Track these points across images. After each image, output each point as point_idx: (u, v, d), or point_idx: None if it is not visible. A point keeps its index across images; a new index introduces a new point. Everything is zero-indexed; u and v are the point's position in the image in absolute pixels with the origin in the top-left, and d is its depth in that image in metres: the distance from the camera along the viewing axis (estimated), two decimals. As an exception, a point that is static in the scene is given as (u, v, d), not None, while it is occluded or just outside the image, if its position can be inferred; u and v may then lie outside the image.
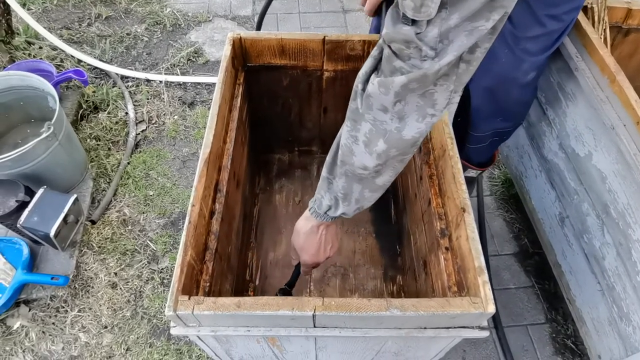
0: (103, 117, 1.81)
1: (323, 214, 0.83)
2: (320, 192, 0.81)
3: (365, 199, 0.77)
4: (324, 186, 0.79)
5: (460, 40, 0.50)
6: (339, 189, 0.76)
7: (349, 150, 0.69)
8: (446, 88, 0.56)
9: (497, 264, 1.50)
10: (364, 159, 0.68)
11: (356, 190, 0.75)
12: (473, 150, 1.34)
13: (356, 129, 0.66)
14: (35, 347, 1.30)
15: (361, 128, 0.65)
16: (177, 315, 0.69)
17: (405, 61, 0.55)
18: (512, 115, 1.21)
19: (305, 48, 1.13)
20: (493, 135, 1.27)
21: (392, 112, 0.60)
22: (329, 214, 0.82)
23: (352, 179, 0.73)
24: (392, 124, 0.62)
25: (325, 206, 0.81)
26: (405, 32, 0.51)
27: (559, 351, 1.33)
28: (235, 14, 2.37)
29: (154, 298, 1.38)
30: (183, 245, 0.75)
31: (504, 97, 1.13)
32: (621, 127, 0.95)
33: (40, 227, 1.24)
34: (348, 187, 0.75)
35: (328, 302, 0.69)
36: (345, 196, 0.76)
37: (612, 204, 1.02)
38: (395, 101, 0.58)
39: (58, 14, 2.29)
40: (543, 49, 1.02)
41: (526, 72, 1.05)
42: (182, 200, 1.61)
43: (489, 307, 0.69)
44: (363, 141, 0.66)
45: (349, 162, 0.70)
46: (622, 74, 0.96)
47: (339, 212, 0.80)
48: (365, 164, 0.69)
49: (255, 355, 0.96)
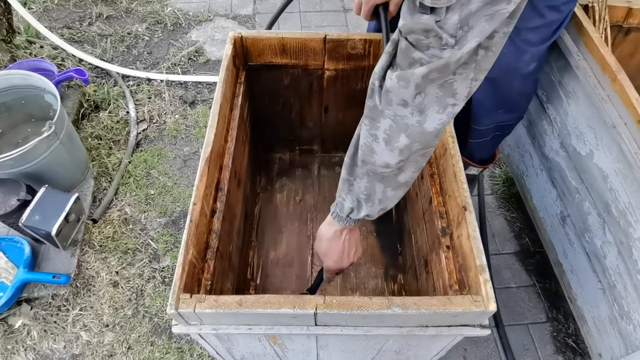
0: (104, 116, 1.81)
1: (345, 218, 0.81)
2: (341, 195, 0.80)
3: (389, 199, 0.76)
4: (345, 188, 0.78)
5: (481, 26, 0.49)
6: (361, 190, 0.75)
7: (369, 150, 0.68)
8: (465, 77, 0.55)
9: (498, 262, 1.50)
10: (386, 156, 0.67)
11: (379, 190, 0.73)
12: (475, 146, 1.34)
13: (375, 127, 0.65)
14: (37, 345, 1.30)
15: (380, 125, 0.64)
16: (178, 314, 0.69)
17: (424, 51, 0.54)
18: (513, 107, 1.21)
19: (306, 47, 1.13)
20: (495, 130, 1.27)
21: (412, 105, 0.59)
22: (352, 217, 0.80)
23: (374, 179, 0.72)
24: (413, 118, 0.61)
25: (348, 209, 0.79)
26: (425, 21, 0.50)
27: (559, 350, 1.33)
28: (236, 13, 2.37)
29: (155, 297, 1.39)
30: (184, 244, 0.75)
31: (506, 89, 1.13)
32: (622, 126, 0.95)
33: (42, 225, 1.25)
34: (370, 188, 0.73)
35: (329, 300, 0.69)
36: (368, 197, 0.75)
37: (613, 203, 1.02)
38: (415, 94, 0.57)
39: (59, 13, 2.29)
40: (543, 39, 1.03)
41: (528, 63, 1.06)
42: (183, 199, 1.62)
43: (490, 306, 0.69)
44: (383, 138, 0.65)
45: (370, 162, 0.69)
46: (623, 73, 0.96)
47: (362, 214, 0.79)
48: (387, 162, 0.67)
49: (257, 353, 0.96)
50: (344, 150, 1.56)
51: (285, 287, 1.24)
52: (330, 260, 0.90)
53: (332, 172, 1.50)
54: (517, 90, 1.15)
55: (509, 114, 1.23)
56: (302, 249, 1.32)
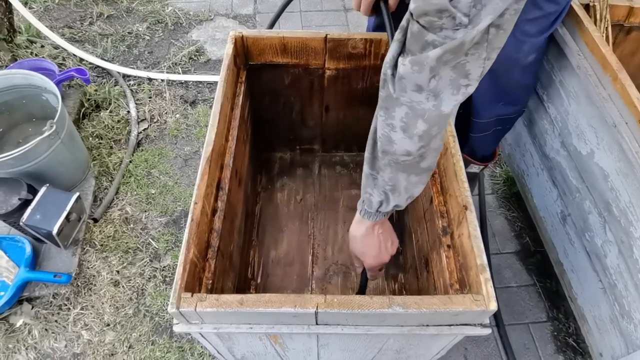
0: (105, 116, 1.81)
1: (375, 212, 0.81)
2: (367, 191, 0.79)
3: (414, 186, 0.75)
4: (370, 184, 0.78)
5: (494, 3, 0.49)
6: (385, 182, 0.74)
7: (387, 140, 0.68)
8: (478, 56, 0.55)
9: (498, 262, 1.50)
10: (406, 144, 0.66)
11: (402, 179, 0.73)
12: (477, 140, 1.34)
13: (391, 117, 0.65)
14: (38, 344, 1.30)
15: (396, 114, 0.64)
16: (179, 313, 0.69)
17: (436, 33, 0.53)
18: (514, 99, 1.21)
19: (307, 46, 1.13)
20: (496, 124, 1.27)
21: (427, 90, 0.59)
22: (382, 210, 0.80)
23: (396, 169, 0.72)
24: (429, 103, 0.60)
25: (377, 203, 0.79)
26: (438, 2, 0.50)
27: (560, 349, 1.33)
28: (237, 13, 2.37)
29: (156, 296, 1.39)
30: (185, 243, 0.75)
31: (506, 80, 1.14)
32: (623, 125, 0.95)
33: (43, 225, 1.25)
34: (394, 178, 0.73)
35: (330, 299, 0.69)
36: (394, 188, 0.75)
37: (614, 202, 1.02)
38: (430, 77, 0.57)
39: (60, 12, 2.29)
40: (541, 30, 1.04)
41: (527, 54, 1.07)
42: (184, 198, 1.62)
43: (490, 305, 0.69)
44: (401, 127, 0.65)
45: (391, 151, 0.69)
46: (624, 72, 0.96)
47: (391, 205, 0.78)
48: (408, 149, 0.67)
49: (258, 352, 0.96)
50: (344, 149, 1.57)
51: (286, 286, 1.25)
52: (370, 258, 0.90)
53: (332, 172, 1.50)
54: (516, 81, 1.15)
55: (509, 107, 1.23)
56: (303, 248, 1.32)
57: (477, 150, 1.39)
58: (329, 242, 1.33)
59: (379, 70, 1.19)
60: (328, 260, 1.30)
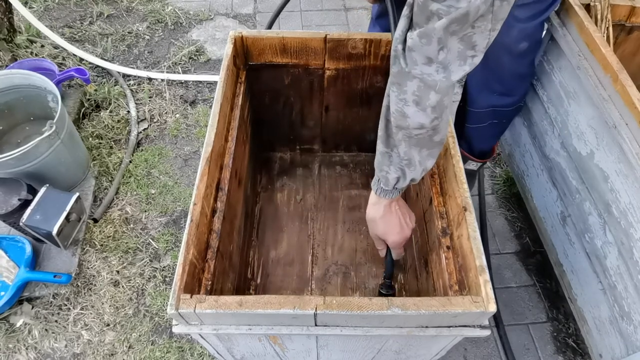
0: (105, 116, 1.81)
1: (392, 189, 0.83)
2: (383, 170, 0.81)
3: (427, 159, 0.78)
4: (385, 161, 0.79)
5: None
6: (401, 158, 0.77)
7: (401, 115, 0.70)
8: (484, 28, 0.57)
9: (498, 262, 1.50)
10: (419, 117, 0.68)
11: (416, 153, 0.75)
12: (473, 132, 1.33)
13: (403, 91, 0.67)
14: (38, 344, 1.30)
15: (408, 89, 0.66)
16: (179, 314, 0.69)
17: (441, 3, 0.55)
18: (507, 89, 1.21)
19: (306, 46, 1.13)
20: (492, 116, 1.27)
21: (436, 62, 0.61)
22: (399, 187, 0.82)
23: (410, 143, 0.74)
24: (439, 75, 0.62)
25: (393, 179, 0.81)
26: None
27: (560, 350, 1.33)
28: (237, 12, 2.37)
29: (156, 296, 1.39)
30: (185, 244, 0.75)
31: (495, 65, 1.13)
32: (623, 126, 0.95)
33: (43, 225, 1.25)
34: (409, 152, 0.75)
35: (329, 300, 0.69)
36: (410, 162, 0.77)
37: (614, 203, 1.02)
38: (438, 49, 0.59)
39: (60, 12, 2.29)
40: (531, 16, 1.04)
41: (516, 40, 1.07)
42: (184, 198, 1.62)
43: (490, 306, 0.69)
44: (413, 100, 0.67)
45: (404, 126, 0.71)
46: (624, 73, 0.96)
47: (407, 180, 0.80)
48: (421, 122, 0.69)
49: (257, 353, 0.96)
50: (344, 149, 1.57)
51: (286, 287, 1.25)
52: (393, 235, 0.92)
53: (332, 172, 1.50)
54: (508, 68, 1.15)
55: (504, 97, 1.22)
56: (303, 248, 1.32)
57: (475, 145, 1.39)
58: (329, 242, 1.33)
59: (378, 71, 1.20)
60: (328, 260, 1.30)
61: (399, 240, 0.93)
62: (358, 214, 1.39)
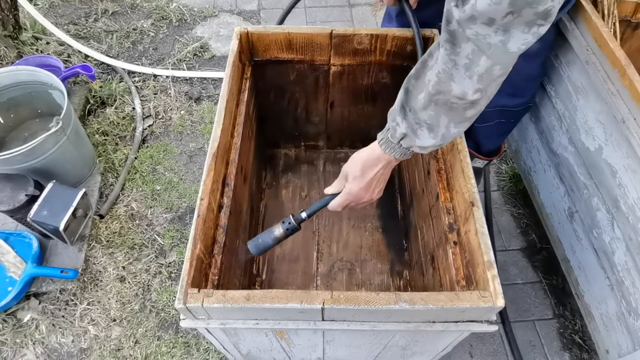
0: (110, 112, 1.81)
1: (396, 145, 0.78)
2: (395, 120, 0.76)
3: (450, 135, 0.73)
4: (400, 115, 0.74)
5: None
6: (424, 119, 0.71)
7: (447, 76, 0.65)
8: None
9: (504, 259, 1.49)
10: (464, 85, 0.64)
11: (443, 123, 0.71)
12: (480, 131, 1.32)
13: (455, 52, 0.62)
14: (46, 339, 1.31)
15: (462, 50, 0.61)
16: (186, 308, 0.69)
17: None
18: (516, 90, 1.19)
19: (312, 42, 1.12)
20: (499, 115, 1.26)
21: (498, 24, 0.56)
22: (403, 144, 0.77)
23: (441, 109, 0.69)
24: (496, 37, 0.58)
25: (400, 134, 0.76)
26: None
27: (566, 346, 1.33)
28: (241, 9, 2.36)
29: (161, 292, 1.40)
30: (192, 239, 0.75)
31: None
32: (631, 121, 0.94)
33: (50, 221, 1.26)
34: (435, 118, 0.70)
35: (337, 295, 0.69)
36: (431, 127, 0.72)
37: (622, 199, 1.01)
38: (507, 12, 0.55)
39: (65, 9, 2.29)
40: None
41: None
42: (189, 194, 1.62)
43: (498, 301, 0.69)
44: (464, 64, 0.62)
45: (445, 90, 0.66)
46: (632, 68, 0.95)
47: (416, 142, 0.75)
48: (465, 91, 0.65)
49: (263, 348, 0.96)
50: (349, 146, 1.57)
51: (291, 283, 1.25)
52: (356, 186, 0.85)
53: (337, 168, 1.49)
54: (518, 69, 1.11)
55: (512, 98, 1.21)
56: (308, 245, 1.32)
57: (482, 144, 1.38)
58: (334, 239, 1.33)
59: (384, 66, 1.20)
60: (333, 256, 1.30)
61: (353, 193, 0.86)
62: (363, 210, 1.39)
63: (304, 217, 0.90)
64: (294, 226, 0.89)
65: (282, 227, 0.90)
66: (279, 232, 0.90)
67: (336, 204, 0.89)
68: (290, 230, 0.89)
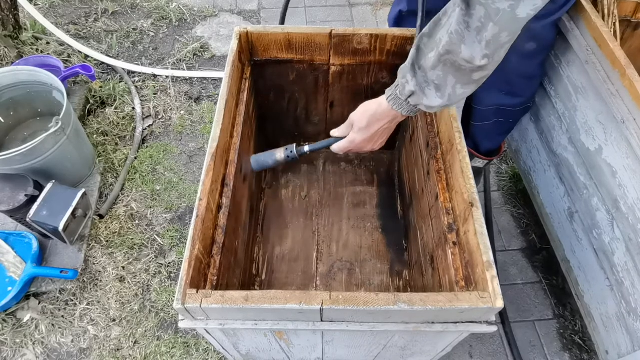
0: (110, 112, 1.81)
1: (404, 101, 0.79)
2: (406, 77, 0.76)
3: (457, 95, 0.74)
4: (410, 73, 0.75)
5: None
6: (432, 79, 0.72)
7: (459, 37, 0.65)
8: None
9: (504, 259, 1.49)
10: (474, 49, 0.64)
11: (450, 83, 0.71)
12: (479, 130, 1.32)
13: (469, 14, 0.62)
14: (45, 339, 1.31)
15: (475, 13, 0.61)
16: (185, 309, 0.69)
17: None
18: (514, 89, 1.19)
19: (312, 42, 1.12)
20: (497, 114, 1.25)
21: None
22: (411, 102, 0.78)
23: (449, 69, 0.70)
24: (506, 2, 0.58)
25: (408, 92, 0.77)
26: None
27: (566, 347, 1.32)
28: (242, 9, 2.36)
29: (161, 292, 1.40)
30: (191, 239, 0.75)
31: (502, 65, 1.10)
32: (631, 121, 0.94)
33: (49, 221, 1.26)
34: (443, 78, 0.71)
35: (336, 296, 0.69)
36: (438, 87, 0.73)
37: (622, 199, 1.01)
38: None
39: (65, 9, 2.30)
40: (539, 16, 1.01)
41: (523, 39, 1.04)
42: (189, 195, 1.62)
43: (497, 302, 0.69)
44: (476, 27, 0.62)
45: (455, 51, 0.66)
46: (632, 68, 0.94)
47: (424, 101, 0.76)
48: (473, 55, 0.65)
49: (263, 348, 0.96)
50: (349, 146, 1.55)
51: (291, 283, 1.25)
52: (360, 135, 0.89)
53: (337, 168, 1.50)
54: (514, 68, 1.12)
55: (510, 97, 1.21)
56: (308, 245, 1.32)
57: (480, 143, 1.37)
58: (334, 239, 1.33)
59: (384, 66, 1.19)
60: (333, 256, 1.30)
61: (356, 141, 0.90)
62: (363, 210, 1.39)
63: (306, 150, 0.97)
64: (294, 156, 0.96)
65: (284, 153, 0.97)
66: (280, 156, 0.98)
67: (338, 148, 0.95)
68: (290, 158, 0.97)
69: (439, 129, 1.02)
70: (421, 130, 1.12)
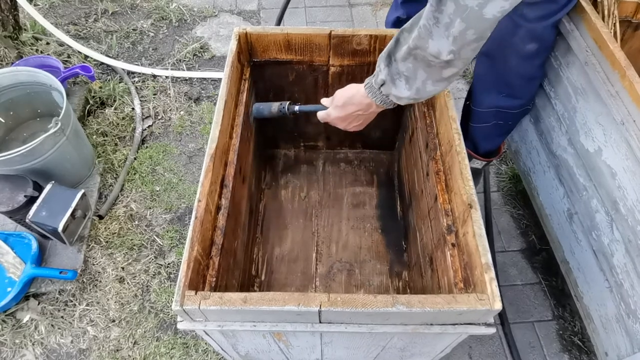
0: (110, 113, 1.81)
1: (377, 90, 0.82)
2: (380, 66, 0.80)
3: (426, 92, 0.76)
4: (384, 62, 0.78)
5: None
6: (400, 71, 0.75)
7: (427, 32, 0.67)
8: None
9: (504, 260, 1.49)
10: (441, 43, 0.66)
11: (420, 78, 0.73)
12: (478, 131, 1.32)
13: (439, 10, 0.64)
14: (45, 340, 1.31)
15: (445, 9, 0.63)
16: (184, 310, 0.69)
17: None
18: (514, 91, 1.19)
19: (311, 43, 1.12)
20: (497, 116, 1.25)
21: None
22: (383, 91, 0.81)
23: (419, 63, 0.71)
24: (474, 0, 0.59)
25: (380, 81, 0.80)
26: None
27: (565, 348, 1.32)
28: (241, 9, 2.36)
29: (160, 292, 1.40)
30: (189, 241, 0.75)
31: (502, 66, 1.11)
32: (631, 123, 0.94)
33: (49, 221, 1.26)
34: (413, 71, 0.73)
35: (334, 297, 0.69)
36: (408, 79, 0.75)
37: (621, 201, 1.01)
38: None
39: (65, 9, 2.29)
40: (540, 17, 1.01)
41: (523, 40, 1.04)
42: (188, 195, 1.62)
43: (495, 304, 0.69)
44: (445, 23, 0.64)
45: (422, 46, 0.68)
46: (632, 69, 0.94)
47: (392, 91, 0.79)
48: (440, 50, 0.66)
49: (262, 349, 0.96)
50: (348, 146, 1.57)
51: (290, 283, 1.25)
52: (335, 112, 0.95)
53: (337, 169, 1.50)
54: (514, 70, 1.13)
55: (510, 99, 1.21)
56: (307, 245, 1.32)
57: (479, 144, 1.37)
58: (333, 239, 1.33)
59: (383, 67, 1.19)
60: (332, 257, 1.30)
61: (332, 119, 0.98)
62: (362, 211, 1.39)
63: (295, 109, 1.08)
64: (284, 112, 1.08)
65: (278, 107, 1.09)
66: (274, 109, 1.10)
67: (320, 116, 1.02)
68: (282, 113, 1.09)
69: (438, 130, 1.02)
70: (420, 132, 1.12)
